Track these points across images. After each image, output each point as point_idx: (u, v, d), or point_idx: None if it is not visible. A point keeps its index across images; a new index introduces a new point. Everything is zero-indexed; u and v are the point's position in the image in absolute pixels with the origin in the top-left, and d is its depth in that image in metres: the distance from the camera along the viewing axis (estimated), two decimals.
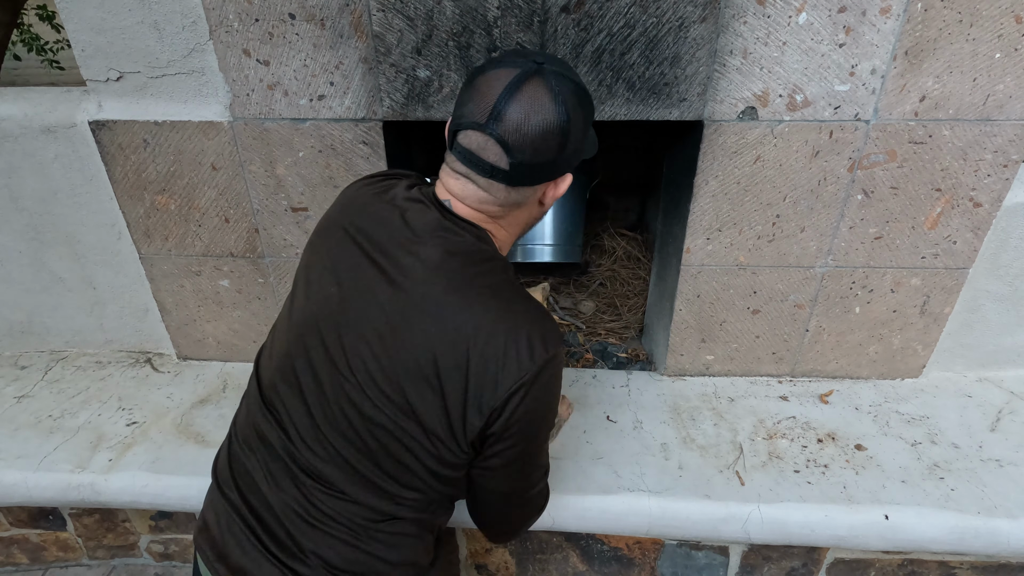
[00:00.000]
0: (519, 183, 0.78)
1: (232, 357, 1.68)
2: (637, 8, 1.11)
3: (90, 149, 1.39)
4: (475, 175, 0.78)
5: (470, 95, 0.77)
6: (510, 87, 0.73)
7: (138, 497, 1.33)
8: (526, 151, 0.75)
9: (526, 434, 0.80)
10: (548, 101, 0.74)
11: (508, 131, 0.73)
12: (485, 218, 0.83)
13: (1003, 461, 1.34)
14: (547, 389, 0.80)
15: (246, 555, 0.81)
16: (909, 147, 1.25)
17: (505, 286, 0.81)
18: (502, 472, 0.83)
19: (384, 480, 0.81)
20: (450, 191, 0.83)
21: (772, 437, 1.40)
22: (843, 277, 1.42)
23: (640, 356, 1.72)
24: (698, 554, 1.36)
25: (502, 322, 0.76)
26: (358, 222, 0.84)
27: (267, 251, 1.48)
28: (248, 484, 0.85)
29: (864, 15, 1.12)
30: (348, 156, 1.32)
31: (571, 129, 0.76)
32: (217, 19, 1.19)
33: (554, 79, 0.75)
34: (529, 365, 0.75)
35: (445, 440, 0.78)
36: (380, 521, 0.82)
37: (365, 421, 0.78)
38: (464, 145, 0.77)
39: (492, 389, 0.75)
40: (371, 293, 0.79)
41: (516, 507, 0.92)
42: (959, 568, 1.34)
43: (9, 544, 1.56)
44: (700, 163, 1.28)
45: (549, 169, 0.79)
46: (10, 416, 1.51)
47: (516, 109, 0.73)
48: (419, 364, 0.76)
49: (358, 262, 0.81)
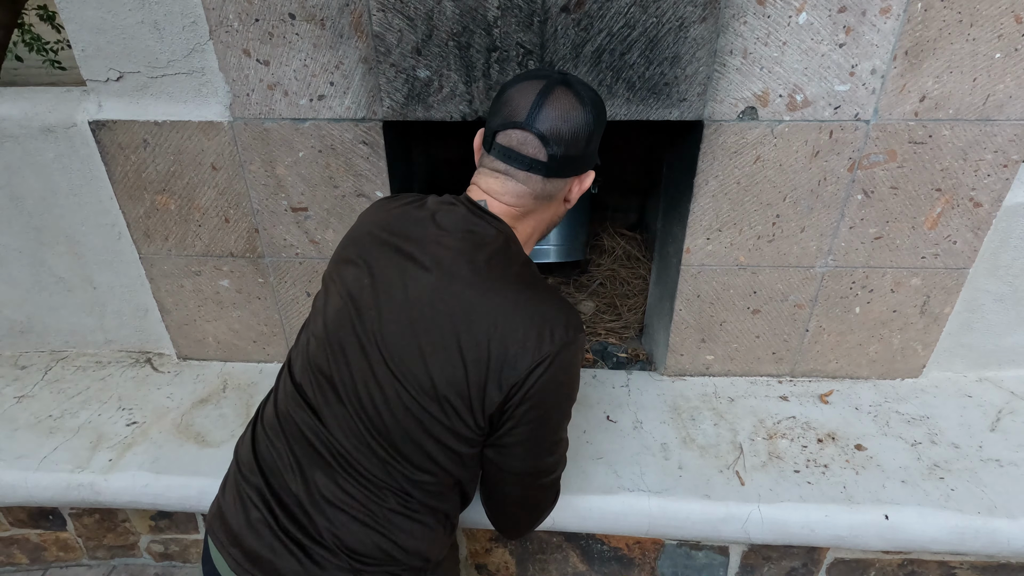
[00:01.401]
0: (554, 174, 0.87)
1: (232, 357, 1.68)
2: (637, 8, 1.11)
3: (90, 149, 1.39)
4: (515, 170, 0.87)
5: (504, 103, 0.87)
6: (543, 92, 0.85)
7: (138, 497, 1.33)
8: (561, 145, 0.84)
9: (541, 411, 0.83)
10: (577, 103, 0.85)
11: (545, 127, 0.84)
12: (517, 213, 0.90)
13: (1003, 461, 1.34)
14: (566, 370, 0.83)
15: (261, 539, 0.83)
16: (909, 147, 1.25)
17: (528, 275, 0.86)
18: (517, 450, 0.86)
19: (400, 462, 0.84)
20: (487, 190, 0.90)
21: (772, 437, 1.40)
22: (843, 277, 1.42)
23: (640, 356, 1.72)
24: (698, 554, 1.36)
25: (525, 306, 0.81)
26: (390, 226, 0.90)
27: (267, 251, 1.48)
28: (272, 468, 0.88)
29: (864, 15, 1.12)
30: (348, 156, 1.32)
31: (595, 127, 0.87)
32: (217, 19, 1.19)
33: (580, 86, 0.87)
34: (550, 346, 0.80)
35: (461, 413, 0.81)
36: (396, 504, 0.85)
37: (385, 399, 0.82)
38: (504, 144, 0.86)
39: (513, 366, 0.79)
40: (401, 278, 0.84)
41: (528, 493, 0.94)
42: (959, 568, 1.34)
43: (9, 544, 1.56)
44: (700, 163, 1.28)
45: (578, 163, 0.88)
46: (10, 416, 1.51)
47: (551, 108, 0.84)
48: (444, 342, 0.80)
49: (389, 256, 0.87)
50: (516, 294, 0.82)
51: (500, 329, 0.79)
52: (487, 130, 0.90)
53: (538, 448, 0.88)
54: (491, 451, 0.87)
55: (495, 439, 0.85)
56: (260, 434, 0.92)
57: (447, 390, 0.80)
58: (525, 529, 1.03)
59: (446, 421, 0.81)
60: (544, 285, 0.87)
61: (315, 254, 1.47)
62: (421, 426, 0.82)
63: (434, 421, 0.81)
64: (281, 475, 0.86)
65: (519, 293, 0.82)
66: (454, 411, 0.81)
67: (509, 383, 0.79)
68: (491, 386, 0.79)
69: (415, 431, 0.82)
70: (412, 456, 0.84)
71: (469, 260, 0.83)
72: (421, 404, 0.81)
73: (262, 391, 1.59)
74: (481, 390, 0.80)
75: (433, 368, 0.80)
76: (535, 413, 0.82)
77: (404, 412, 0.82)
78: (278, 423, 0.90)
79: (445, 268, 0.83)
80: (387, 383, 0.82)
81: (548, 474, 0.92)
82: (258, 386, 1.61)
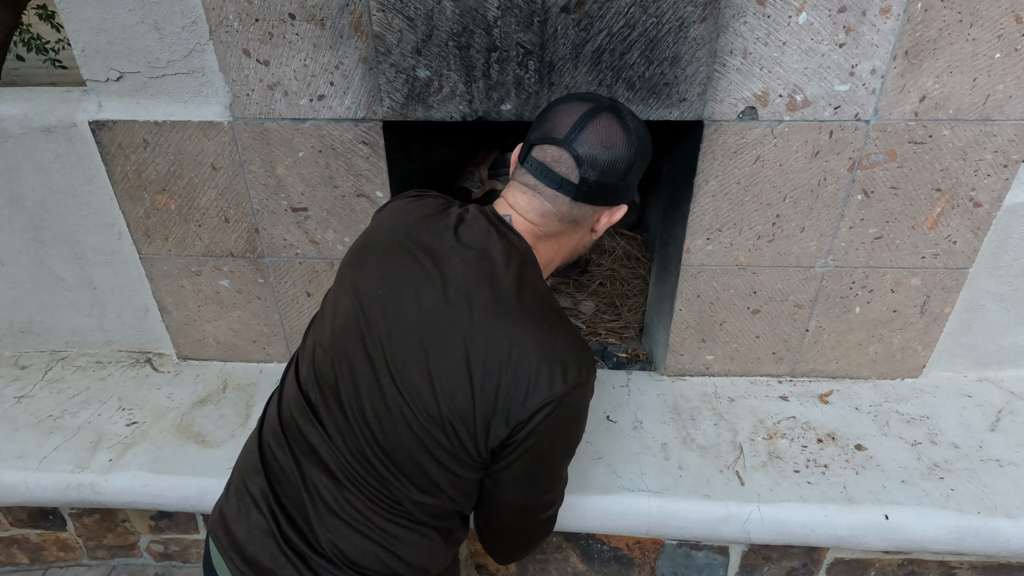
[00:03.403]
0: (583, 199, 0.83)
1: (232, 357, 1.68)
2: (637, 8, 1.11)
3: (90, 149, 1.39)
4: (543, 187, 0.84)
5: (548, 118, 0.85)
6: (588, 114, 0.82)
7: (138, 497, 1.33)
8: (596, 170, 0.81)
9: (544, 449, 0.81)
10: (621, 132, 0.82)
11: (583, 149, 0.81)
12: (540, 233, 0.87)
13: (1003, 461, 1.34)
14: (575, 411, 0.81)
15: (264, 548, 0.82)
16: (909, 147, 1.25)
17: (546, 306, 0.83)
18: (513, 485, 0.84)
19: (401, 480, 0.82)
20: (514, 205, 0.87)
21: (772, 437, 1.40)
22: (843, 277, 1.42)
23: (640, 356, 1.72)
24: (698, 554, 1.36)
25: (541, 341, 0.78)
26: (411, 234, 0.86)
27: (267, 251, 1.48)
28: (275, 474, 0.86)
29: (864, 15, 1.12)
30: (348, 156, 1.32)
31: (636, 161, 0.84)
32: (217, 19, 1.19)
33: (629, 117, 0.84)
34: (562, 386, 0.77)
35: (464, 441, 0.78)
36: (399, 518, 0.83)
37: (391, 418, 0.80)
38: (538, 159, 0.84)
39: (521, 403, 0.76)
40: (415, 292, 0.81)
41: (524, 526, 0.91)
42: (959, 568, 1.34)
43: (9, 544, 1.56)
44: (700, 163, 1.28)
45: (610, 193, 0.85)
46: (10, 416, 1.51)
47: (593, 132, 0.81)
48: (454, 367, 0.77)
49: (406, 266, 0.83)
50: (533, 326, 0.79)
51: (512, 362, 0.76)
52: (525, 143, 0.87)
53: (537, 484, 0.86)
54: (489, 481, 0.84)
55: (494, 470, 0.82)
56: (265, 439, 0.91)
57: (453, 417, 0.77)
58: (517, 556, 1.00)
59: (449, 447, 0.79)
60: (561, 319, 0.83)
61: (315, 254, 1.47)
62: (424, 448, 0.79)
63: (437, 445, 0.79)
64: (284, 482, 0.85)
65: (536, 326, 0.79)
66: (457, 438, 0.78)
67: (516, 419, 0.76)
68: (497, 420, 0.77)
69: (418, 452, 0.80)
70: (414, 476, 0.82)
71: (488, 283, 0.79)
72: (425, 427, 0.78)
73: (262, 391, 1.59)
74: (487, 423, 0.77)
75: (440, 393, 0.77)
76: (538, 451, 0.80)
77: (408, 432, 0.79)
78: (281, 429, 0.88)
79: (461, 288, 0.79)
80: (392, 401, 0.79)
81: (545, 510, 0.90)
82: (258, 386, 1.61)
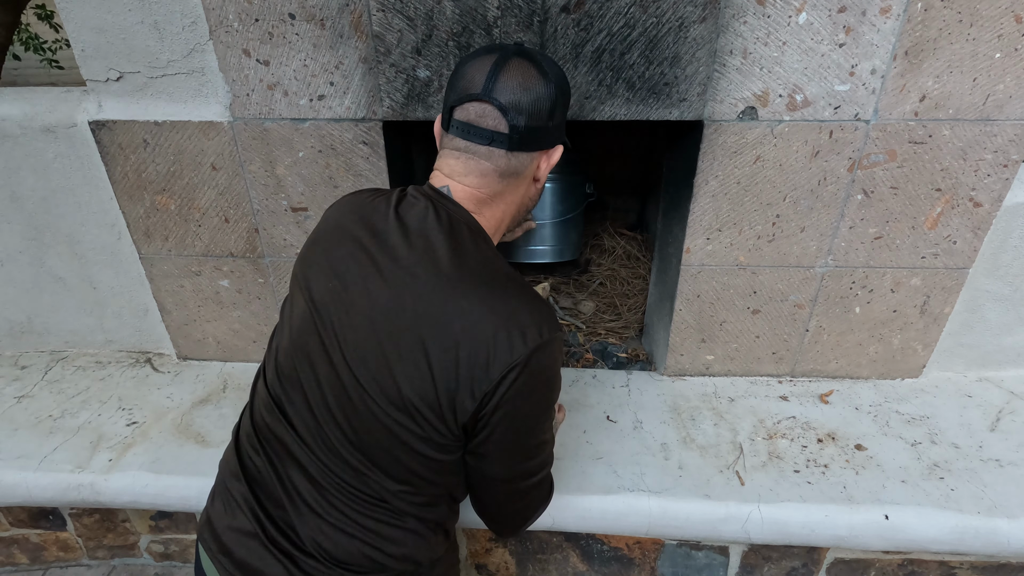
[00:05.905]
0: (518, 147, 0.83)
1: (232, 357, 1.68)
2: (637, 8, 1.11)
3: (90, 149, 1.39)
4: (475, 146, 0.83)
5: (460, 77, 0.84)
6: (499, 62, 0.82)
7: (138, 497, 1.33)
8: (522, 115, 0.81)
9: (518, 417, 0.79)
10: (536, 72, 0.83)
11: (504, 97, 0.80)
12: (483, 197, 0.86)
13: (1003, 461, 1.34)
14: (541, 373, 0.78)
15: (251, 550, 0.82)
16: (909, 147, 1.25)
17: (497, 272, 0.81)
18: (496, 457, 0.82)
19: (375, 472, 0.81)
20: (449, 174, 0.86)
21: (772, 437, 1.40)
22: (843, 277, 1.42)
23: (640, 356, 1.72)
24: (698, 554, 1.36)
25: (493, 307, 0.76)
26: (355, 223, 0.86)
27: (267, 251, 1.48)
28: (254, 478, 0.86)
29: (864, 15, 1.12)
30: (348, 156, 1.32)
31: (558, 97, 0.84)
32: (217, 19, 1.19)
33: (539, 57, 0.85)
34: (522, 349, 0.74)
35: (433, 422, 0.77)
36: (379, 514, 0.82)
37: (356, 411, 0.79)
38: (462, 119, 0.83)
39: (484, 373, 0.74)
40: (363, 280, 0.80)
41: (517, 495, 0.90)
42: (959, 568, 1.34)
43: (9, 544, 1.56)
44: (700, 163, 1.28)
45: (542, 136, 0.85)
46: (10, 416, 1.51)
47: (509, 78, 0.81)
48: (409, 348, 0.76)
49: (353, 254, 0.82)
50: (485, 294, 0.76)
51: (468, 333, 0.74)
52: (444, 108, 0.86)
53: (519, 454, 0.84)
54: (471, 458, 0.83)
55: (473, 447, 0.81)
56: (242, 444, 0.90)
57: (415, 399, 0.75)
58: (520, 526, 0.98)
59: (418, 431, 0.77)
60: (515, 282, 0.81)
61: None
62: (392, 436, 0.78)
63: (405, 431, 0.77)
64: (264, 485, 0.84)
65: (488, 293, 0.77)
66: (425, 420, 0.76)
67: (482, 391, 0.74)
68: (462, 394, 0.75)
69: (386, 441, 0.78)
70: (387, 467, 0.80)
71: (432, 258, 0.78)
72: (389, 414, 0.77)
73: None
74: (451, 400, 0.75)
75: (399, 376, 0.75)
76: (511, 420, 0.78)
77: (373, 422, 0.78)
78: (255, 433, 0.88)
79: (407, 267, 0.78)
80: (354, 392, 0.78)
81: (534, 475, 0.88)
82: None
